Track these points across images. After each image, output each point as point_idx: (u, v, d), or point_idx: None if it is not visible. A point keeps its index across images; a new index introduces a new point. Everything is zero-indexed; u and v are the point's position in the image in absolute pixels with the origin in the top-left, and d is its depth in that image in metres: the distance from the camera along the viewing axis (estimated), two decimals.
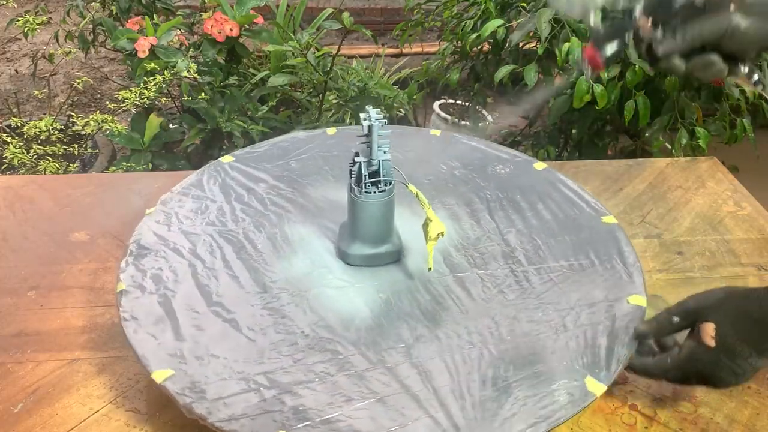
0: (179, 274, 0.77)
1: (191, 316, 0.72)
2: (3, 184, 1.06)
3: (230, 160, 0.99)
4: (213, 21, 1.78)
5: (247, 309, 0.73)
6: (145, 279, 0.76)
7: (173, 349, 0.67)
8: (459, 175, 0.98)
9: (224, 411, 0.61)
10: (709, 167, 1.14)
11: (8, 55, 3.35)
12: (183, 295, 0.74)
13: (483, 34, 1.49)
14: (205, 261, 0.79)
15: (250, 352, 0.68)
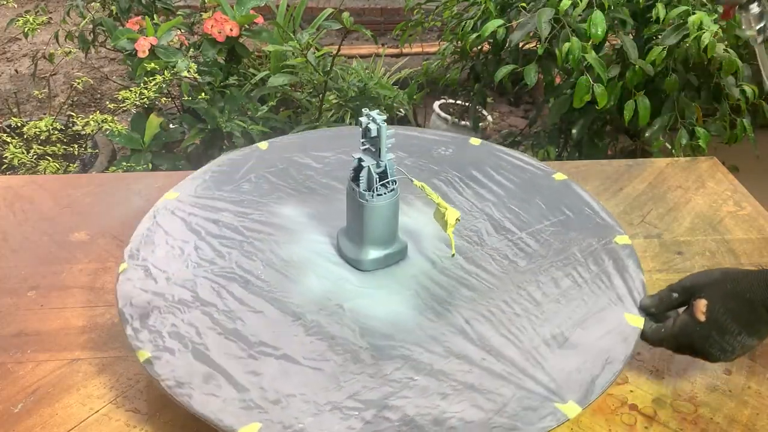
0: (199, 326, 0.70)
1: (240, 363, 0.66)
2: (3, 184, 1.06)
3: (176, 195, 0.91)
4: (213, 21, 1.78)
5: (293, 340, 0.69)
6: (165, 340, 0.68)
7: (243, 402, 0.62)
8: (411, 164, 0.98)
9: None
10: (709, 167, 1.14)
11: (8, 55, 3.35)
12: (216, 344, 0.68)
13: (483, 34, 1.49)
14: (217, 305, 0.73)
15: (322, 380, 0.65)
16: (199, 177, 0.96)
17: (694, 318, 0.65)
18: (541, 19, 1.37)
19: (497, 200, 0.91)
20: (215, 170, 0.98)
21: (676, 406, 0.71)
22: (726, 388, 0.73)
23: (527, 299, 0.75)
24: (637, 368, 0.75)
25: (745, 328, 0.63)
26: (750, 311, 0.62)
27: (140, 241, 0.82)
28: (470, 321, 0.72)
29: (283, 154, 1.01)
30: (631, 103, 1.42)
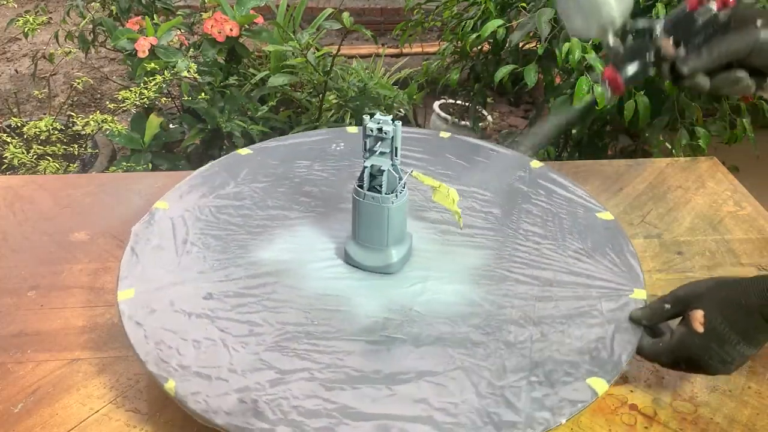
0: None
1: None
2: (3, 184, 1.06)
3: (165, 206, 0.88)
4: (213, 21, 1.78)
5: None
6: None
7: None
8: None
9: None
10: (709, 167, 1.14)
11: (8, 55, 3.35)
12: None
13: (483, 34, 1.49)
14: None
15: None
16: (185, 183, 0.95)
17: (692, 329, 0.63)
18: (541, 19, 1.37)
19: (467, 188, 0.94)
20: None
21: (676, 406, 0.71)
22: (726, 388, 0.73)
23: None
24: (637, 368, 0.75)
25: (743, 336, 0.61)
26: (747, 319, 0.61)
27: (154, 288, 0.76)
28: (540, 299, 0.76)
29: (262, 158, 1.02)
30: (631, 103, 1.42)
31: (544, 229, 0.87)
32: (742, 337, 0.61)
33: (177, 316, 0.71)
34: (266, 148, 1.05)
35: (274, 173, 0.98)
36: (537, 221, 0.88)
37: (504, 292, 0.76)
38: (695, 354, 0.63)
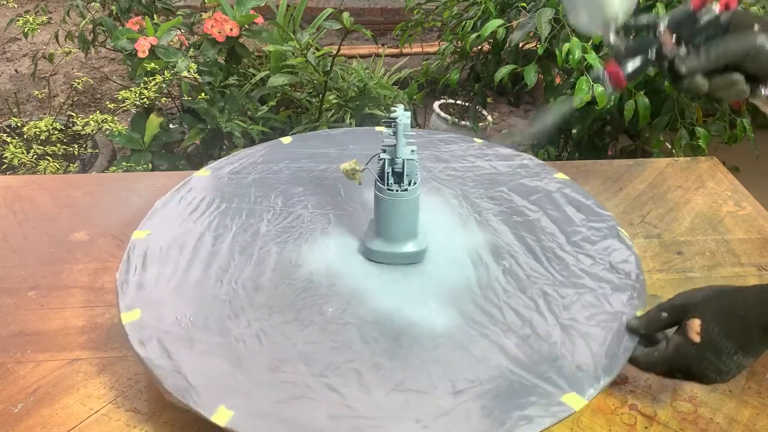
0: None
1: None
2: (3, 184, 1.06)
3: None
4: (213, 21, 1.78)
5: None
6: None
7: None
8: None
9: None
10: (709, 167, 1.14)
11: (8, 55, 3.35)
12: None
13: (483, 34, 1.49)
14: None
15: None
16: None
17: (688, 339, 0.63)
18: (541, 19, 1.37)
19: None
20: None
21: (676, 406, 0.71)
22: (726, 388, 0.73)
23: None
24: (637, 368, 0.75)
25: (741, 346, 0.61)
26: (745, 329, 0.61)
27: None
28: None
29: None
30: (631, 103, 1.42)
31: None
32: (740, 348, 0.61)
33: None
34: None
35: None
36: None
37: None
38: (691, 364, 0.63)
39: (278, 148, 1.05)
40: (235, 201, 0.90)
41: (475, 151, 1.05)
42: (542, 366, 0.66)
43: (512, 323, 0.72)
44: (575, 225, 0.87)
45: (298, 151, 1.04)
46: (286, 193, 0.93)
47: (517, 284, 0.78)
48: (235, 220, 0.87)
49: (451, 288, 0.77)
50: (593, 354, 0.67)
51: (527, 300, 0.75)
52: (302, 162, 1.01)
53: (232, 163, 0.99)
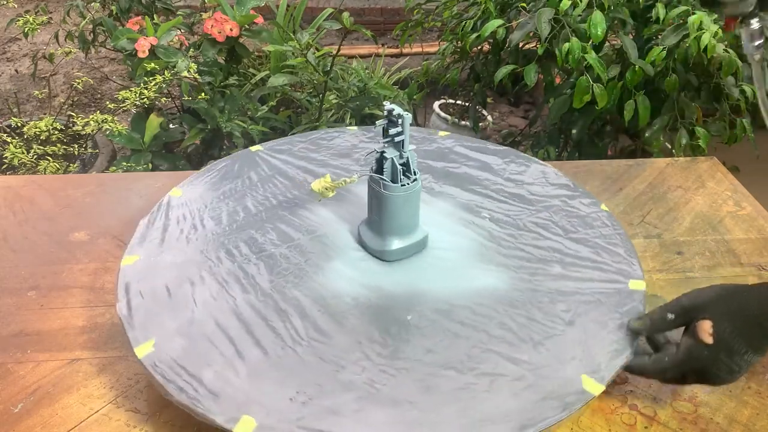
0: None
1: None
2: (3, 184, 1.06)
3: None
4: (213, 21, 1.78)
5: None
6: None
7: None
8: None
9: None
10: (709, 167, 1.14)
11: (8, 55, 3.35)
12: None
13: (483, 34, 1.49)
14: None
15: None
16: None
17: (700, 341, 0.62)
18: (541, 19, 1.37)
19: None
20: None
21: (676, 406, 0.71)
22: (726, 388, 0.73)
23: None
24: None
25: (751, 345, 0.60)
26: (756, 328, 0.60)
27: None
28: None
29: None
30: (631, 103, 1.42)
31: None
32: (751, 347, 0.60)
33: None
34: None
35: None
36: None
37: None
38: (705, 366, 0.62)
39: (248, 159, 1.02)
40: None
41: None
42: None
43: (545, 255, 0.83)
44: (499, 166, 1.02)
45: (269, 160, 1.02)
46: (254, 241, 0.85)
47: (511, 225, 0.88)
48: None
49: (474, 254, 0.83)
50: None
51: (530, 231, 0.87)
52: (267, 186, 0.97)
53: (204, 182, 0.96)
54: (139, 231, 0.84)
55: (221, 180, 0.97)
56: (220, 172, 0.99)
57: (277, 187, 0.95)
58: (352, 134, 1.11)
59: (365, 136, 1.10)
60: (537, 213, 0.91)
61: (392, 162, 0.77)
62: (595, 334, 0.70)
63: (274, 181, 0.97)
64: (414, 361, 0.67)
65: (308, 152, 1.04)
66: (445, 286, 0.77)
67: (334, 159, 1.03)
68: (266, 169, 0.99)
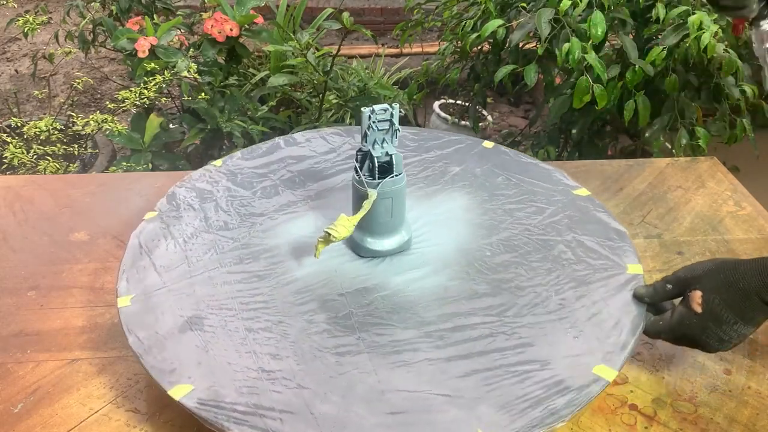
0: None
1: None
2: (3, 184, 1.06)
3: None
4: (213, 21, 1.78)
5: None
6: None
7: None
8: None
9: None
10: (709, 167, 1.14)
11: (8, 55, 3.35)
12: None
13: (483, 34, 1.49)
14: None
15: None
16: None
17: (690, 309, 0.66)
18: (541, 19, 1.37)
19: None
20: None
21: (676, 406, 0.71)
22: (726, 388, 0.73)
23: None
24: (637, 368, 0.75)
25: (741, 316, 0.64)
26: (744, 300, 0.63)
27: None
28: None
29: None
30: (631, 103, 1.42)
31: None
32: (740, 318, 0.64)
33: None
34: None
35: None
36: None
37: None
38: (694, 333, 0.66)
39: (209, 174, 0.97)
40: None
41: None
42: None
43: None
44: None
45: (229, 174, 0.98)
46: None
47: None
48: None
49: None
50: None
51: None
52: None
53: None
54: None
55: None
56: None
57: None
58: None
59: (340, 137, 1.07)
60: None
61: (371, 159, 0.77)
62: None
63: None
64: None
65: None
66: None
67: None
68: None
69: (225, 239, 0.83)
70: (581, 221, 0.87)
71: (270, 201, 0.91)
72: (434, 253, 0.83)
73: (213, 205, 0.89)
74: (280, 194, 0.93)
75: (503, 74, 1.48)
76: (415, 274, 0.79)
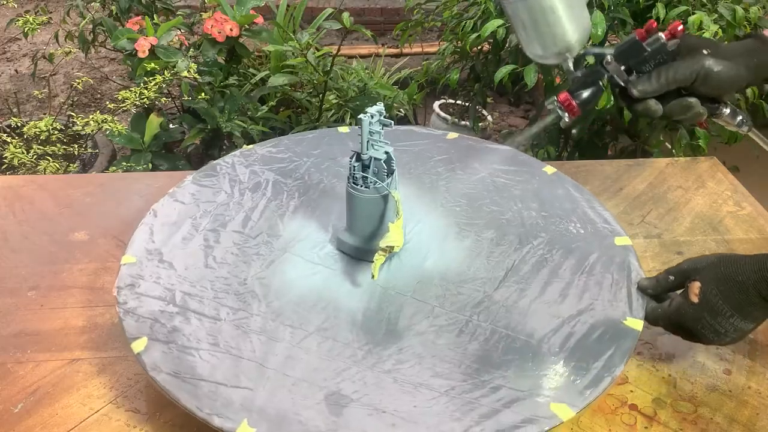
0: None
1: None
2: (3, 184, 1.06)
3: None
4: (213, 21, 1.78)
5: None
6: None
7: None
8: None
9: None
10: (709, 167, 1.14)
11: (8, 55, 3.35)
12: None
13: (483, 34, 1.49)
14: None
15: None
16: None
17: (688, 300, 0.67)
18: None
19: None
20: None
21: (676, 406, 0.71)
22: (726, 388, 0.73)
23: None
24: (637, 368, 0.75)
25: (737, 310, 0.64)
26: (741, 293, 0.64)
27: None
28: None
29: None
30: None
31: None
32: (736, 311, 0.64)
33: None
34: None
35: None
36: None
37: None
38: (689, 322, 0.67)
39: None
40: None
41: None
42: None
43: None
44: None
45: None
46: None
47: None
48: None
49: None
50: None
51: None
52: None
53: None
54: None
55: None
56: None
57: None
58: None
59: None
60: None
61: (357, 163, 0.78)
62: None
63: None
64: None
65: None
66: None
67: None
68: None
69: (247, 319, 0.74)
70: (551, 195, 0.93)
71: (235, 265, 0.81)
72: (427, 235, 0.85)
73: (188, 298, 0.76)
74: (236, 255, 0.82)
75: (503, 74, 1.48)
76: (431, 259, 0.81)
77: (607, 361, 0.66)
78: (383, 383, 0.65)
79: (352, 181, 0.78)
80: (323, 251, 0.83)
